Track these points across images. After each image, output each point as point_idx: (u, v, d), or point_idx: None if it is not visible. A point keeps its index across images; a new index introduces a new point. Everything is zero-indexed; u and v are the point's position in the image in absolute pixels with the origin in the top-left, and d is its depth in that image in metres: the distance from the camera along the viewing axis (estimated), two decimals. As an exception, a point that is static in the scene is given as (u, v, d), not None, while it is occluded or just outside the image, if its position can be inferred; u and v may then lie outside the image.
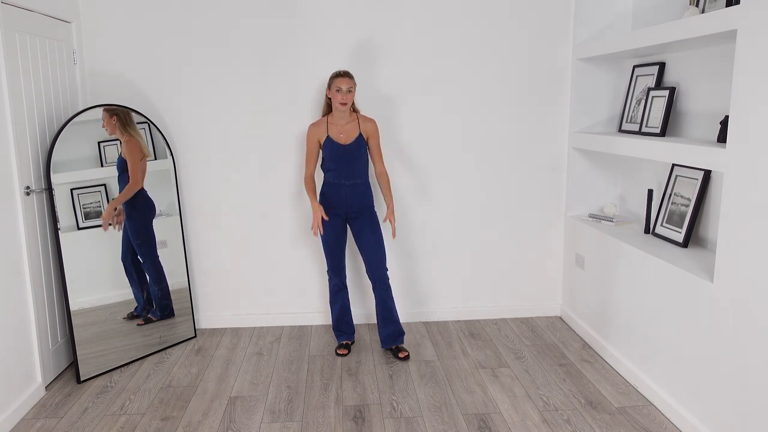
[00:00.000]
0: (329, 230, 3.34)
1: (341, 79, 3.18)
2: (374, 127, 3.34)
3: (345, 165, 3.26)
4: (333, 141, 3.25)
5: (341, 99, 3.18)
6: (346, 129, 3.28)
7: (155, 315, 3.51)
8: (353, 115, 3.31)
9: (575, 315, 3.80)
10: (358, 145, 3.27)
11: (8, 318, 2.76)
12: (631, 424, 2.69)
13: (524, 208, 3.91)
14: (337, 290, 3.44)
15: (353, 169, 3.28)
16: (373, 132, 3.34)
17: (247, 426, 2.72)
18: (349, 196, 3.30)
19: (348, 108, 3.23)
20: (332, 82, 3.20)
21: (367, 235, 3.33)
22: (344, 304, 3.47)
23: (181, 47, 3.59)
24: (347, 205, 3.31)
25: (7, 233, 2.76)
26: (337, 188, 3.30)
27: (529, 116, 3.80)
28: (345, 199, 3.30)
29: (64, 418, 2.80)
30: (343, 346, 3.47)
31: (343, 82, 3.17)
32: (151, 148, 3.51)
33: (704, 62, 2.93)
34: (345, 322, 3.49)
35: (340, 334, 3.50)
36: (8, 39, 2.79)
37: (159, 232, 3.55)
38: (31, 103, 3.00)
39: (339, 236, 3.37)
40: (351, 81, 3.19)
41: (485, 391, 3.02)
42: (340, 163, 3.26)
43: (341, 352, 3.44)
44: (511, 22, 3.68)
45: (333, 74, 3.23)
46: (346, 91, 3.18)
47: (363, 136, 3.30)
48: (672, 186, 3.08)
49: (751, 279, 2.19)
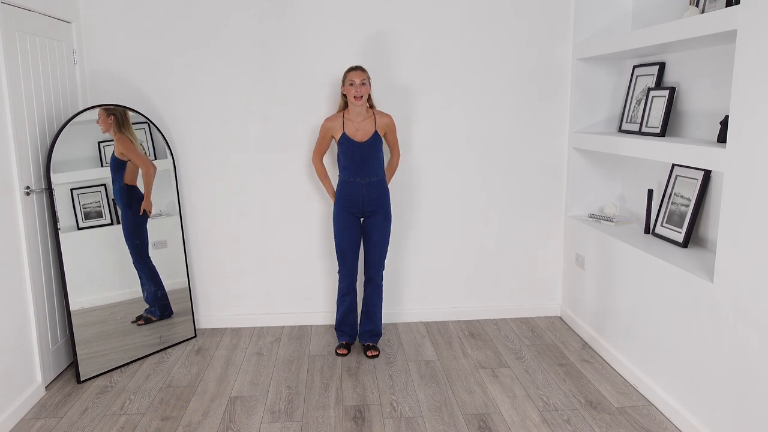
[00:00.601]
0: (344, 232, 3.31)
1: (353, 73, 3.16)
2: (391, 122, 3.33)
3: (361, 163, 3.23)
4: (349, 138, 3.21)
5: (355, 92, 3.15)
6: (362, 126, 3.23)
7: (155, 314, 3.51)
8: (369, 111, 3.27)
9: (575, 315, 3.80)
10: (374, 142, 3.24)
11: (8, 318, 2.76)
12: (631, 424, 2.69)
13: (524, 208, 3.91)
14: (345, 292, 3.43)
15: (369, 167, 3.25)
16: (391, 127, 3.34)
17: (247, 426, 2.72)
18: (366, 194, 3.27)
19: (363, 102, 3.20)
20: (345, 77, 3.19)
21: (376, 234, 3.34)
22: (351, 307, 3.45)
23: (181, 47, 3.58)
24: (363, 204, 3.28)
25: (7, 233, 2.76)
26: (353, 187, 3.26)
27: (529, 116, 3.80)
28: (361, 198, 3.27)
29: (64, 418, 2.80)
30: (343, 345, 3.47)
31: (356, 75, 3.15)
32: (151, 148, 3.51)
33: (704, 62, 2.93)
34: (348, 324, 3.49)
35: (342, 334, 3.50)
36: (8, 39, 2.78)
37: (159, 232, 3.55)
38: (31, 103, 3.00)
39: (354, 238, 3.33)
40: (363, 74, 3.17)
41: (485, 391, 3.02)
42: (355, 161, 3.22)
43: (341, 351, 3.44)
44: (511, 21, 3.68)
45: (346, 69, 3.24)
46: (360, 84, 3.14)
47: (379, 133, 3.27)
48: (672, 186, 3.08)
49: (751, 279, 2.19)
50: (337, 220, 3.33)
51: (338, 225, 3.32)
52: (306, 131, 3.71)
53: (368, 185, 3.26)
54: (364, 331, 3.47)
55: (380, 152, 3.29)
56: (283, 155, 3.73)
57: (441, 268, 3.94)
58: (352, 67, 3.21)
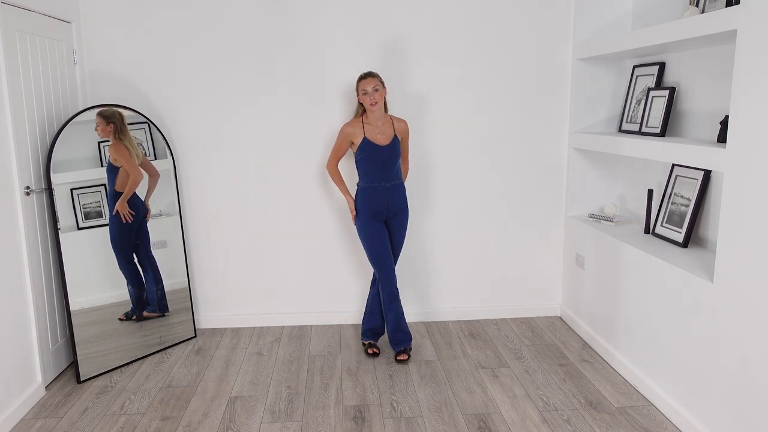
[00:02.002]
0: (376, 239, 3.26)
1: (364, 81, 3.16)
2: (407, 127, 3.36)
3: (384, 166, 3.22)
4: (371, 142, 3.20)
5: (370, 100, 3.15)
6: (383, 129, 3.24)
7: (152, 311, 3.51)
8: (387, 116, 3.29)
9: (575, 315, 3.80)
10: (395, 146, 3.25)
11: (8, 318, 2.76)
12: (631, 424, 2.69)
13: (524, 208, 3.91)
14: (392, 299, 3.32)
15: (393, 170, 3.26)
16: (406, 133, 3.36)
17: (247, 426, 2.72)
18: (390, 198, 3.26)
19: (380, 107, 3.21)
20: (358, 86, 3.20)
21: (396, 237, 3.37)
22: (398, 312, 3.35)
23: (181, 47, 3.58)
24: (388, 208, 3.28)
25: (7, 233, 2.76)
26: (377, 192, 3.24)
27: (529, 116, 3.79)
28: (386, 202, 3.26)
29: (64, 418, 2.80)
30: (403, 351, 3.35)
31: (367, 83, 3.15)
32: (151, 148, 3.51)
33: (704, 62, 2.93)
34: (402, 331, 3.36)
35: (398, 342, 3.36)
36: (8, 39, 2.79)
37: (159, 232, 3.55)
38: (31, 103, 3.00)
39: (386, 244, 3.28)
40: (375, 79, 3.17)
41: (485, 391, 3.02)
42: (379, 165, 3.20)
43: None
44: (511, 22, 3.68)
45: (357, 78, 3.23)
46: (373, 91, 3.15)
47: (398, 137, 3.29)
48: (672, 186, 3.08)
49: (751, 279, 2.19)
50: (366, 228, 3.28)
51: (368, 233, 3.27)
52: (306, 131, 3.71)
53: (393, 188, 3.27)
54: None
55: (399, 155, 3.29)
56: (283, 155, 3.73)
57: (441, 268, 3.94)
58: (363, 75, 3.20)
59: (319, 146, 3.73)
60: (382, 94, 3.19)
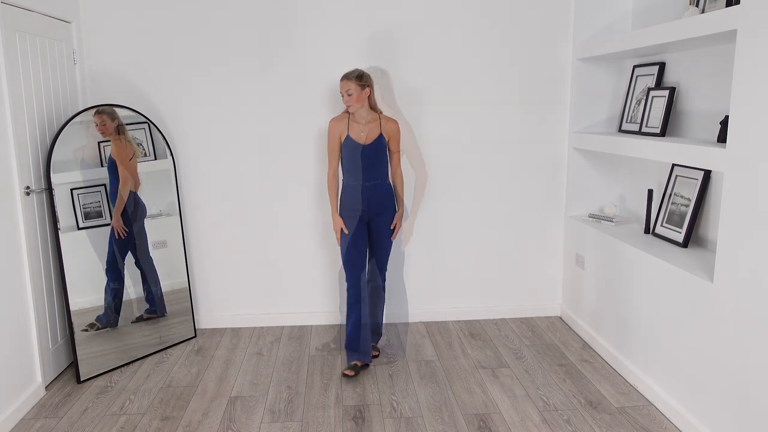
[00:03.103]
0: (351, 241, 3.18)
1: (341, 83, 3.11)
2: (396, 128, 3.26)
3: (364, 165, 3.15)
4: (353, 140, 3.16)
5: (345, 102, 3.12)
6: (367, 128, 3.18)
7: (152, 312, 3.51)
8: (374, 114, 3.22)
9: (575, 315, 3.80)
10: (378, 146, 3.18)
11: (8, 318, 2.76)
12: (631, 424, 2.69)
13: (524, 208, 3.91)
14: (354, 301, 3.20)
15: (373, 170, 3.18)
16: (395, 133, 3.25)
17: (247, 426, 2.72)
18: (370, 197, 3.19)
19: (357, 108, 3.13)
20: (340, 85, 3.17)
21: (382, 238, 3.26)
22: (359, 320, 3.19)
23: (181, 46, 3.59)
24: (368, 207, 3.20)
25: (7, 233, 2.76)
26: (356, 190, 3.18)
27: (529, 116, 3.80)
28: (365, 201, 3.18)
29: (64, 418, 2.80)
30: (351, 367, 3.19)
31: (342, 86, 3.10)
32: (151, 148, 3.51)
33: (704, 62, 2.93)
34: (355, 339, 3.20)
35: (352, 353, 3.22)
36: (8, 39, 2.79)
37: (159, 232, 3.55)
38: (31, 103, 3.00)
39: (357, 242, 3.19)
40: (349, 83, 3.08)
41: (485, 391, 3.02)
42: (358, 164, 3.15)
43: (348, 373, 3.16)
44: (510, 21, 3.68)
45: None
46: (347, 95, 3.09)
47: (384, 137, 3.21)
48: (672, 186, 3.08)
49: (751, 279, 2.19)
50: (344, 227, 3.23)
51: (345, 235, 3.22)
52: (307, 130, 3.71)
53: (373, 188, 3.19)
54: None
55: (385, 156, 3.23)
56: (283, 155, 3.73)
57: (441, 268, 3.94)
58: (342, 76, 3.17)
59: (320, 146, 3.73)
60: (357, 97, 3.10)
